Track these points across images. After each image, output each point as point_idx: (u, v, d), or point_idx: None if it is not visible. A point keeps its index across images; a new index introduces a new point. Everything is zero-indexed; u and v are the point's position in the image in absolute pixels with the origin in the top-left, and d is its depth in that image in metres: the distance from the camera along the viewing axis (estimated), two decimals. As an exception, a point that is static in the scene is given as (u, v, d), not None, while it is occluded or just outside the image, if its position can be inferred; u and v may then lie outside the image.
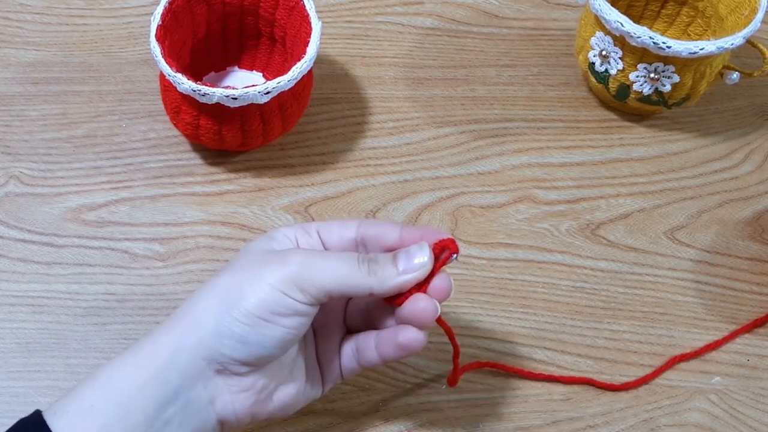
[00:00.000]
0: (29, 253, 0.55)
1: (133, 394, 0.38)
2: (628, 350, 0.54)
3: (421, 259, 0.41)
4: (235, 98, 0.52)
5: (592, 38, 0.60)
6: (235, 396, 0.40)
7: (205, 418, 0.40)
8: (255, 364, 0.39)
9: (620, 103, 0.63)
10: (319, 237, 0.43)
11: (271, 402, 0.42)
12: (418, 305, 0.41)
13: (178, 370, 0.38)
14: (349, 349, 0.45)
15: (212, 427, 0.40)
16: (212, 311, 0.39)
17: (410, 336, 0.41)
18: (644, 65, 0.58)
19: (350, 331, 0.46)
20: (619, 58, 0.59)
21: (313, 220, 0.58)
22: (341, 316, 0.46)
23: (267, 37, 0.61)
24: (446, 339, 0.45)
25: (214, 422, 0.40)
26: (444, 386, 0.52)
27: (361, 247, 0.44)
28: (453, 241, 0.42)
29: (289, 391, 0.42)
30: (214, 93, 0.52)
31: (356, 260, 0.40)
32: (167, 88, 0.56)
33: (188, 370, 0.39)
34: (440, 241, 0.42)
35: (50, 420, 0.38)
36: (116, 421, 0.38)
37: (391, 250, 0.42)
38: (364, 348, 0.44)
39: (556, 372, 0.53)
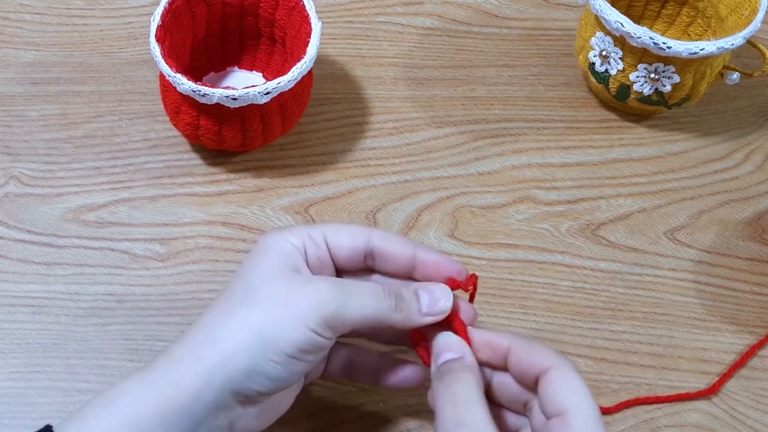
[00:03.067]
0: (29, 253, 0.55)
1: (156, 425, 0.37)
2: (628, 351, 0.54)
3: (445, 305, 0.42)
4: (235, 98, 0.52)
5: (593, 38, 0.60)
6: (250, 421, 0.41)
7: None
8: (274, 393, 0.40)
9: (620, 103, 0.63)
10: (327, 246, 0.43)
11: (276, 412, 0.43)
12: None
13: (204, 404, 0.38)
14: (339, 357, 0.46)
15: None
16: (245, 349, 0.38)
17: (414, 374, 0.44)
18: (644, 65, 0.58)
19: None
20: (620, 58, 0.59)
21: (314, 220, 0.58)
22: None
23: (267, 38, 0.61)
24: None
25: None
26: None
27: (369, 259, 0.44)
28: (473, 279, 0.43)
29: (290, 398, 0.44)
30: (214, 93, 0.52)
31: (383, 295, 0.41)
32: (167, 88, 0.56)
33: (215, 404, 0.38)
34: (467, 278, 0.43)
35: None
36: None
37: (405, 270, 0.43)
38: (359, 365, 0.46)
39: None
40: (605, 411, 0.52)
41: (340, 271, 0.44)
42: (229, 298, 0.40)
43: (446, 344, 0.41)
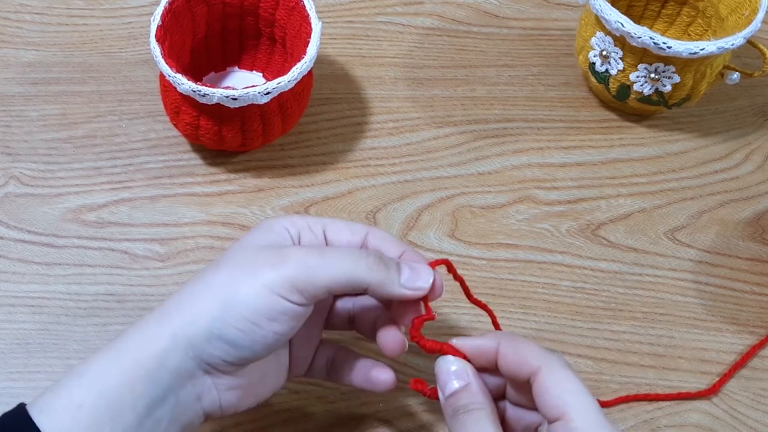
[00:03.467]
0: (29, 253, 0.55)
1: (124, 393, 0.37)
2: (628, 351, 0.54)
3: (425, 283, 0.41)
4: (235, 99, 0.52)
5: (593, 38, 0.60)
6: (222, 393, 0.40)
7: (193, 413, 0.40)
8: (241, 365, 0.39)
9: (620, 103, 0.62)
10: (325, 237, 0.43)
11: (253, 395, 0.42)
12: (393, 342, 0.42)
13: (169, 370, 0.38)
14: (324, 355, 0.46)
15: (199, 420, 0.40)
16: (206, 312, 0.38)
17: (381, 376, 0.43)
18: (645, 65, 0.58)
19: (331, 328, 0.46)
20: (620, 58, 0.59)
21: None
22: (324, 317, 0.46)
23: (267, 38, 0.61)
24: (445, 339, 0.44)
25: (200, 416, 0.40)
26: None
27: None
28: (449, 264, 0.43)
29: (269, 383, 0.43)
30: (214, 93, 0.52)
31: (359, 254, 0.39)
32: (167, 88, 0.56)
33: (179, 370, 0.38)
34: (422, 316, 0.41)
35: (37, 416, 0.37)
36: (107, 420, 0.37)
37: None
38: (339, 364, 0.45)
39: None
40: (603, 404, 0.52)
41: None
42: (200, 274, 0.40)
43: (449, 372, 0.39)
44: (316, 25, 0.55)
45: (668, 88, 0.59)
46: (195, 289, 0.39)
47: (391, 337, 0.42)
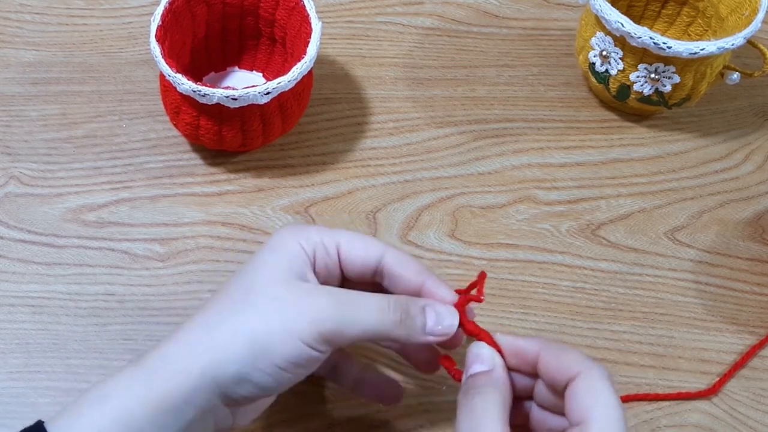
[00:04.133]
0: (29, 253, 0.55)
1: (147, 424, 0.37)
2: (628, 351, 0.54)
3: (450, 328, 0.41)
4: (235, 99, 0.52)
5: (593, 38, 0.60)
6: (237, 419, 0.41)
7: None
8: (263, 398, 0.41)
9: (620, 103, 0.62)
10: (338, 256, 0.42)
11: (262, 409, 0.44)
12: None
13: (194, 406, 0.38)
14: (327, 360, 0.45)
15: None
16: (236, 356, 0.38)
17: (391, 394, 0.45)
18: (645, 65, 0.58)
19: None
20: (620, 58, 0.59)
21: (314, 220, 0.58)
22: None
23: (267, 38, 0.61)
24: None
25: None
26: (444, 387, 0.52)
27: (378, 276, 0.43)
28: (481, 282, 0.43)
29: (274, 396, 0.44)
30: (214, 93, 0.52)
31: (387, 309, 0.40)
32: (167, 88, 0.56)
33: (204, 406, 0.38)
34: (468, 296, 0.42)
35: None
36: None
37: (412, 293, 0.42)
38: (343, 372, 0.46)
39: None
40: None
41: (346, 280, 0.44)
42: (228, 297, 0.40)
43: (477, 355, 0.40)
44: (316, 25, 0.55)
45: (668, 88, 0.59)
46: (224, 325, 0.39)
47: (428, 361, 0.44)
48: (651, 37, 0.55)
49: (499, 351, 0.40)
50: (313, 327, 0.38)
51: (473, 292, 0.43)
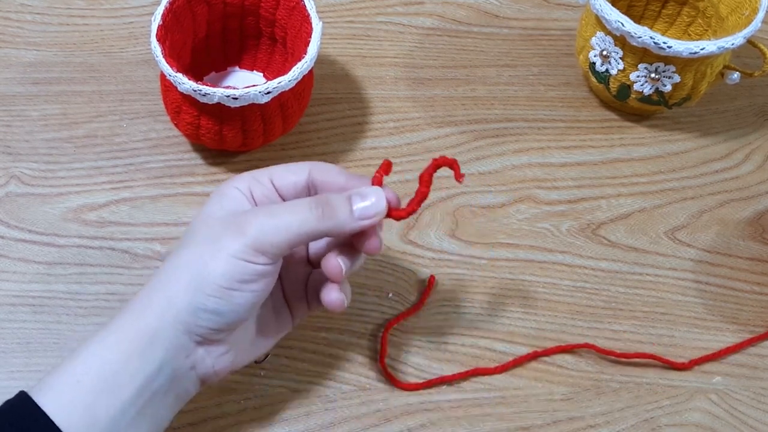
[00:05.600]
0: (30, 253, 0.55)
1: (120, 368, 0.39)
2: (629, 350, 0.54)
3: (378, 208, 0.42)
4: (236, 98, 0.52)
5: (593, 38, 0.60)
6: (216, 360, 0.42)
7: (188, 382, 0.42)
8: (229, 330, 0.42)
9: (621, 103, 0.63)
10: (273, 185, 0.44)
11: (249, 352, 0.45)
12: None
13: (162, 345, 0.40)
14: (311, 285, 0.47)
15: (194, 387, 0.43)
16: (183, 291, 0.40)
17: (331, 297, 0.44)
18: (645, 65, 0.58)
19: (315, 265, 0.47)
20: (620, 58, 0.59)
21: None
22: (305, 254, 0.48)
23: (268, 37, 0.61)
24: (446, 338, 0.45)
25: (196, 383, 0.43)
26: (444, 386, 0.52)
27: (312, 190, 0.45)
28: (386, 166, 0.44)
29: (264, 339, 0.46)
30: (214, 93, 0.52)
31: (307, 207, 0.41)
32: (168, 88, 0.56)
33: (171, 344, 0.40)
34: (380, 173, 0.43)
35: (37, 397, 0.39)
36: (104, 394, 0.39)
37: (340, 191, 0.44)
38: (316, 287, 0.47)
39: (557, 371, 0.53)
40: (616, 357, 0.52)
41: None
42: (176, 248, 0.43)
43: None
44: (316, 25, 0.55)
45: (668, 87, 0.59)
46: (168, 271, 0.41)
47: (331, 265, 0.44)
48: (651, 37, 0.55)
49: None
50: (240, 240, 0.40)
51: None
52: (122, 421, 0.39)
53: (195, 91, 0.52)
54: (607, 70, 0.60)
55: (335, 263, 0.43)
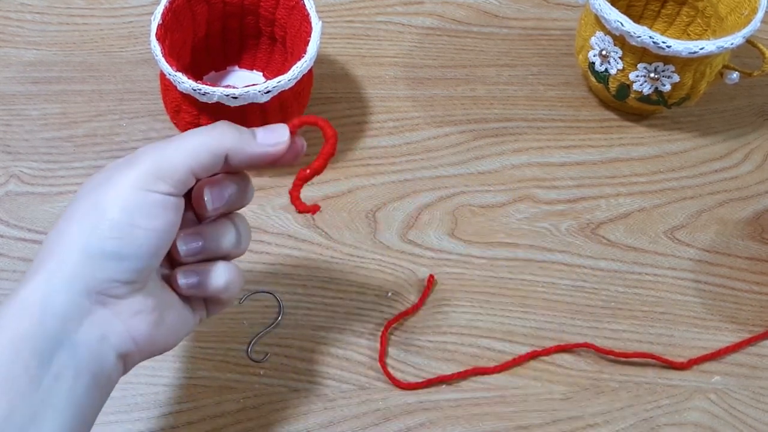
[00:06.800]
0: (30, 252, 0.55)
1: (10, 355, 0.33)
2: (628, 350, 0.54)
3: (282, 137, 0.39)
4: (236, 97, 0.52)
5: (592, 38, 0.60)
6: (128, 323, 0.36)
7: (102, 357, 0.36)
8: (135, 281, 0.36)
9: (620, 102, 0.63)
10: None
11: (165, 324, 0.38)
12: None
13: (54, 314, 0.34)
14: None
15: (113, 365, 0.36)
16: (76, 238, 0.35)
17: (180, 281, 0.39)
18: (644, 65, 0.58)
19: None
20: (619, 57, 0.59)
21: (314, 220, 0.58)
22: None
23: (267, 37, 0.61)
24: (445, 338, 0.45)
25: (113, 360, 0.36)
26: (443, 385, 0.52)
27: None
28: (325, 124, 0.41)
29: (176, 311, 0.39)
30: (214, 92, 0.52)
31: (212, 126, 0.38)
32: (168, 87, 0.56)
33: (66, 311, 0.34)
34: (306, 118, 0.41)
35: None
36: None
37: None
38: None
39: (556, 371, 0.53)
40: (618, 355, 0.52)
41: None
42: (58, 217, 0.37)
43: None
44: (316, 25, 0.55)
45: (668, 87, 0.59)
46: (56, 229, 0.36)
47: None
48: (650, 37, 0.55)
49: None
50: (138, 168, 0.36)
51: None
52: (19, 418, 0.32)
53: (195, 90, 0.52)
54: (606, 70, 0.60)
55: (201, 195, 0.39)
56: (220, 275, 0.40)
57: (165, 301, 0.39)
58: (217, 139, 0.37)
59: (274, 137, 0.39)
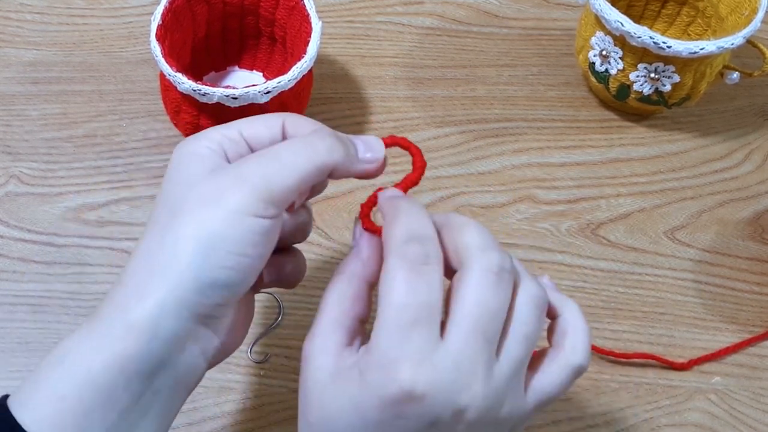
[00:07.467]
0: (29, 252, 0.55)
1: (114, 376, 0.34)
2: (628, 350, 0.54)
3: (379, 153, 0.38)
4: (236, 98, 0.52)
5: (593, 38, 0.60)
6: (225, 337, 0.37)
7: (197, 368, 0.37)
8: (236, 301, 0.37)
9: (620, 103, 0.63)
10: (245, 141, 0.38)
11: (247, 322, 0.40)
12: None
13: (164, 339, 0.34)
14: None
15: (203, 371, 0.37)
16: (187, 265, 0.34)
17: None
18: (644, 65, 0.58)
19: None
20: (620, 57, 0.59)
21: (314, 219, 0.58)
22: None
23: (267, 37, 0.61)
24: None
25: (204, 367, 0.37)
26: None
27: None
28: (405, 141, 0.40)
29: (253, 307, 0.41)
30: (214, 93, 0.52)
31: (312, 140, 0.36)
32: (167, 87, 0.56)
33: (174, 337, 0.35)
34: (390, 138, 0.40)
35: (17, 411, 0.34)
36: (97, 406, 0.33)
37: None
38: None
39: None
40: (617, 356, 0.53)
41: None
42: (156, 223, 0.36)
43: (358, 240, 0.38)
44: (316, 25, 0.55)
45: (668, 87, 0.59)
46: (163, 246, 0.35)
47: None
48: (651, 37, 0.55)
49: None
50: (246, 192, 0.34)
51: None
52: (122, 428, 0.34)
53: (194, 90, 0.52)
54: (606, 70, 0.60)
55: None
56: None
57: (251, 305, 0.40)
58: (325, 156, 0.36)
59: (373, 154, 0.38)
